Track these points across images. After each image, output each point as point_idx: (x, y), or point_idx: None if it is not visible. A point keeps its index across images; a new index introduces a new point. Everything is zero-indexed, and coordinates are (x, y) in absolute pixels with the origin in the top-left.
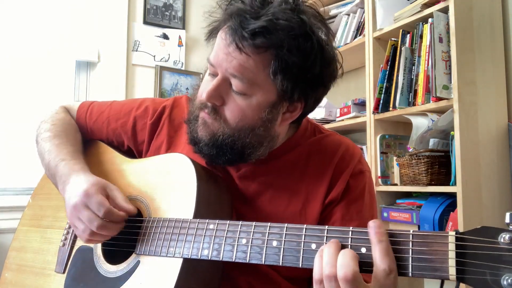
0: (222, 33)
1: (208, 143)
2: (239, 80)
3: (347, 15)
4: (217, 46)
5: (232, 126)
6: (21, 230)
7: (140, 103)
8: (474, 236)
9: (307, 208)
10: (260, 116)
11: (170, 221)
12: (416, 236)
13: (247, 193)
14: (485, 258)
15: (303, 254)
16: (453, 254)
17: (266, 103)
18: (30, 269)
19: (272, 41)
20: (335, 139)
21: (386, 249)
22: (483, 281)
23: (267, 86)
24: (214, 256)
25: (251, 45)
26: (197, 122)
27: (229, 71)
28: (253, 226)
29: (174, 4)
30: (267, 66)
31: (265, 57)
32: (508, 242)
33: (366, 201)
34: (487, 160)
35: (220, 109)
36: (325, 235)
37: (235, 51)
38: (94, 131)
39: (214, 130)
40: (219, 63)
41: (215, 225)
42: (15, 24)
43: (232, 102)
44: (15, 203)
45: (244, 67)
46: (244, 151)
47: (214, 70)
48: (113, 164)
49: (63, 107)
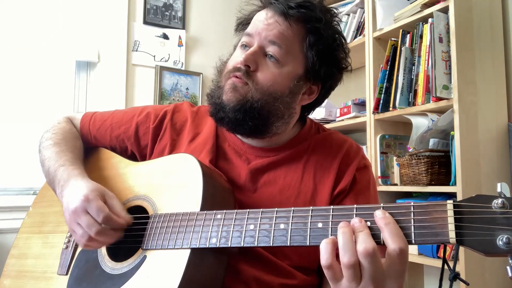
0: (263, 12)
1: (235, 107)
2: (277, 46)
3: (347, 15)
4: (256, 20)
5: (264, 89)
6: (20, 238)
7: (141, 109)
8: (470, 203)
9: (316, 197)
10: (288, 85)
11: (177, 215)
12: (416, 207)
13: (258, 185)
14: (481, 222)
15: (310, 233)
16: (452, 220)
17: (295, 74)
18: (30, 274)
19: (313, 16)
20: (339, 137)
21: (395, 230)
22: (480, 242)
23: (299, 58)
24: (222, 243)
25: (295, 14)
26: (222, 89)
27: (268, 38)
28: (260, 212)
29: (174, 4)
30: (303, 39)
31: (303, 30)
32: (501, 206)
33: (372, 193)
34: (487, 160)
35: (252, 74)
36: (330, 213)
37: (279, 19)
38: (98, 139)
39: (244, 93)
40: (258, 31)
41: (223, 214)
42: (15, 24)
43: (265, 68)
44: (16, 203)
45: (283, 35)
46: (269, 117)
47: (250, 41)
48: (118, 168)
49: (65, 117)
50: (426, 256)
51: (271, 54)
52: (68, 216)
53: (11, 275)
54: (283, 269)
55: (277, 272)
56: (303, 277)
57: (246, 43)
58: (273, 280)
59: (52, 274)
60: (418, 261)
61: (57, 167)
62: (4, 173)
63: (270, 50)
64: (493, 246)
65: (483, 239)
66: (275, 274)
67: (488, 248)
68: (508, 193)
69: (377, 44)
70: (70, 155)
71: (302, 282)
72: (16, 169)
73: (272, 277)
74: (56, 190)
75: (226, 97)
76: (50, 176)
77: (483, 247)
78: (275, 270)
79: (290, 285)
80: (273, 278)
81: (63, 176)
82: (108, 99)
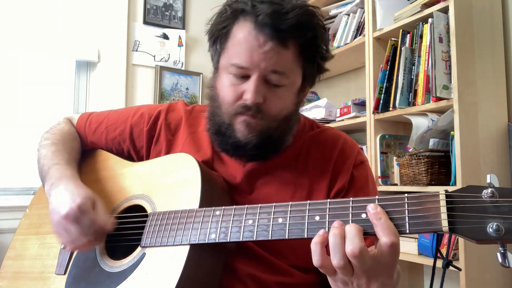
0: (250, 34)
1: (257, 143)
2: (278, 74)
3: (347, 15)
4: (247, 47)
5: (278, 117)
6: (17, 239)
7: (135, 110)
8: (461, 193)
9: (312, 198)
10: (295, 102)
11: (176, 212)
12: (410, 198)
13: (254, 187)
14: (472, 211)
15: (307, 226)
16: (444, 209)
17: (296, 88)
18: (27, 275)
19: (307, 32)
20: (333, 133)
21: (386, 225)
22: (471, 230)
23: (297, 72)
24: (221, 238)
25: (290, 36)
26: (232, 127)
27: (269, 69)
28: (259, 207)
29: (174, 4)
30: (300, 54)
31: (297, 46)
32: (490, 195)
33: (371, 187)
34: (487, 160)
35: (262, 107)
36: (327, 206)
37: (275, 46)
38: (94, 142)
39: (262, 128)
40: (255, 63)
41: (222, 211)
42: (15, 24)
43: (273, 96)
44: (15, 203)
45: (284, 61)
46: (285, 136)
47: (244, 72)
48: (116, 169)
49: (65, 118)
50: (426, 256)
51: (276, 83)
52: (56, 219)
53: (7, 276)
54: (280, 267)
55: (274, 270)
56: (301, 275)
57: (243, 74)
58: (270, 279)
59: (49, 274)
60: (418, 261)
61: (51, 165)
62: (4, 173)
63: (273, 79)
64: (484, 233)
65: (474, 227)
66: (272, 273)
67: (479, 235)
68: (497, 183)
69: (377, 44)
70: (66, 156)
71: (300, 280)
72: (16, 169)
73: (268, 275)
74: (45, 185)
75: (241, 135)
76: (43, 173)
77: (474, 235)
78: (271, 268)
79: (287, 283)
80: (270, 276)
81: (55, 174)
82: (108, 99)
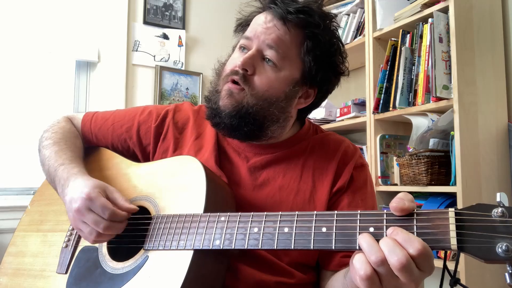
0: (262, 15)
1: (231, 113)
2: (274, 50)
3: (347, 15)
4: (255, 24)
5: (259, 94)
6: (18, 235)
7: (143, 109)
8: (471, 211)
9: (315, 195)
10: (284, 90)
11: (181, 216)
12: (419, 214)
13: (257, 183)
14: (481, 230)
15: (314, 237)
16: (453, 227)
17: (291, 79)
18: (28, 272)
19: (312, 21)
20: (337, 138)
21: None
22: (480, 249)
23: (296, 63)
24: (226, 245)
25: (294, 19)
26: (219, 94)
27: (266, 42)
28: (265, 215)
29: (174, 4)
30: (301, 44)
31: (301, 35)
32: (500, 215)
33: (368, 190)
34: (487, 160)
35: (249, 78)
36: (334, 218)
37: (277, 24)
38: (100, 138)
39: (240, 99)
40: (257, 35)
41: (227, 217)
42: (15, 24)
43: (262, 72)
44: (15, 203)
45: (281, 40)
46: (264, 122)
47: (248, 44)
48: (120, 168)
49: (65, 117)
50: None
51: (269, 58)
52: (72, 216)
53: (8, 273)
54: (281, 267)
55: (274, 271)
56: (301, 275)
57: (245, 46)
58: (270, 279)
59: (50, 273)
60: None
61: (56, 166)
62: (4, 173)
63: (267, 54)
64: (493, 253)
65: (483, 246)
66: (272, 273)
67: (487, 255)
68: (507, 202)
69: (377, 44)
70: (69, 154)
71: (300, 280)
72: (16, 169)
73: (269, 276)
74: (58, 190)
75: (222, 102)
76: (51, 176)
77: (483, 254)
78: (272, 268)
79: (287, 283)
80: (270, 276)
81: (63, 175)
82: (108, 99)
